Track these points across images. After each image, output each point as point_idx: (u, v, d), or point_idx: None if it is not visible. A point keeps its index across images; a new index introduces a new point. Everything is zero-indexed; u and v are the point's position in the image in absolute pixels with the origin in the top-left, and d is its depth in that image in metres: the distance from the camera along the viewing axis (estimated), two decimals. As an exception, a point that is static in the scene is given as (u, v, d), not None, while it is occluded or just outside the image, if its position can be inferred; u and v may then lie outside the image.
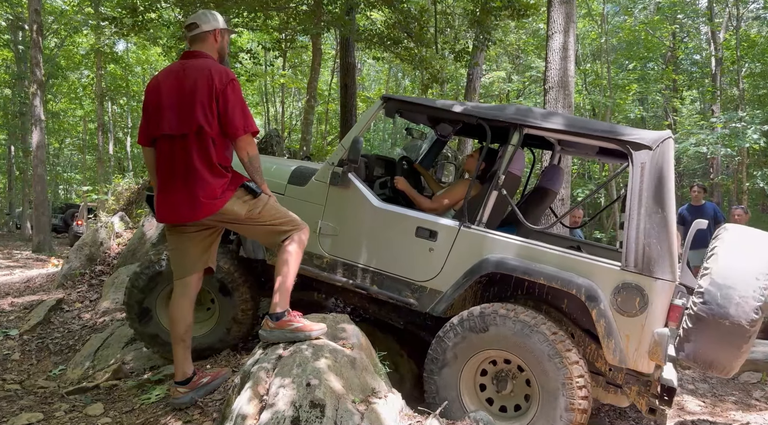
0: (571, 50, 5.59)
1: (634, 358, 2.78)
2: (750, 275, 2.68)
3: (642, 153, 2.89)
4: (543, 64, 17.37)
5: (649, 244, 2.78)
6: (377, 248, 3.23)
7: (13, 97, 22.13)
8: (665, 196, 2.84)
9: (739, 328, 2.64)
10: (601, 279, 2.84)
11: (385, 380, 2.72)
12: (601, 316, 2.78)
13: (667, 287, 2.76)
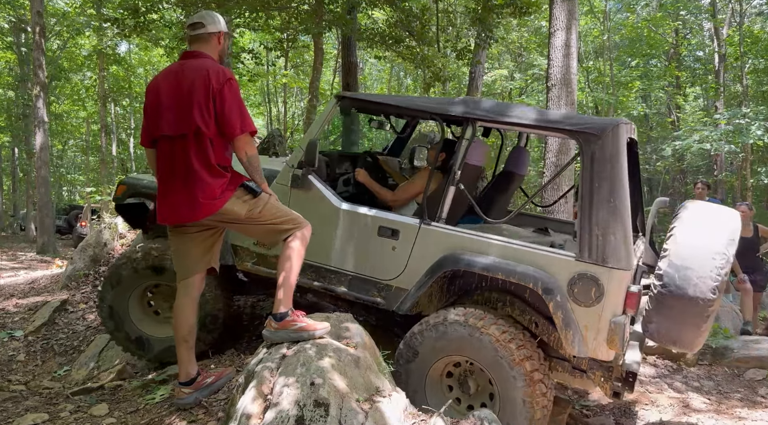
0: (573, 48, 5.57)
1: (593, 347, 2.81)
2: (707, 256, 2.73)
3: (591, 142, 2.87)
4: (545, 61, 17.38)
5: (603, 234, 2.77)
6: (342, 249, 3.23)
7: (17, 100, 22.21)
8: (617, 185, 2.81)
9: (699, 308, 2.71)
10: (557, 270, 2.85)
11: (389, 379, 2.72)
12: (558, 308, 2.80)
13: (623, 275, 2.76)
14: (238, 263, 3.60)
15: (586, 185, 2.85)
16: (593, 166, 2.84)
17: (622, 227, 2.77)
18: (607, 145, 2.83)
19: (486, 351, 2.86)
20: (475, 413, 2.74)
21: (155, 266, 3.63)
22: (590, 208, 2.81)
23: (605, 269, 2.76)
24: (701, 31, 20.26)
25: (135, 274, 3.66)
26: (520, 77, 21.24)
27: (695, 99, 22.77)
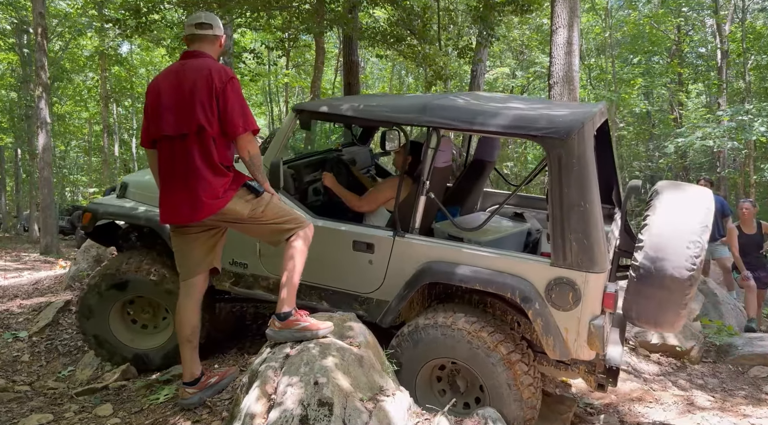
0: (575, 45, 5.55)
1: (574, 349, 2.81)
2: (681, 244, 2.74)
3: (557, 147, 2.77)
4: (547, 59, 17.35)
5: (576, 238, 2.74)
6: (319, 264, 3.18)
7: (19, 101, 22.22)
8: (586, 187, 2.75)
9: (676, 296, 2.77)
10: (534, 277, 2.84)
11: (392, 378, 2.72)
12: (537, 316, 2.79)
13: (598, 278, 2.76)
14: (216, 283, 3.61)
15: (555, 189, 2.78)
16: (561, 170, 2.76)
17: (595, 230, 2.74)
18: (574, 148, 2.74)
19: (461, 347, 2.88)
20: (479, 412, 2.74)
21: (116, 284, 3.63)
22: (561, 213, 2.76)
23: (581, 274, 2.74)
24: (703, 27, 20.20)
25: (101, 299, 3.65)
26: (521, 75, 21.21)
27: (698, 96, 22.71)
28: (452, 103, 3.14)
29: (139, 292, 3.63)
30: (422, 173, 3.09)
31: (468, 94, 3.85)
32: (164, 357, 3.68)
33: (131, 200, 3.81)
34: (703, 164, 21.19)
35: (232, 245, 3.40)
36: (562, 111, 3.06)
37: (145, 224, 3.63)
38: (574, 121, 2.81)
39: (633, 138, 22.06)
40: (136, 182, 3.89)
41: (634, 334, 5.58)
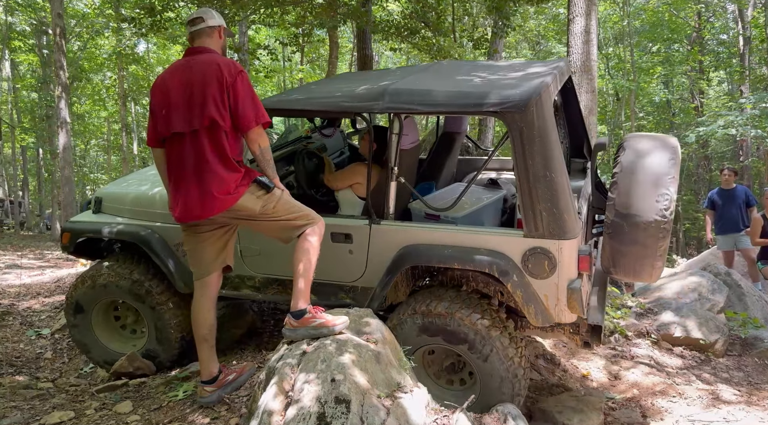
0: (593, 34, 5.45)
1: (556, 314, 2.89)
2: (650, 199, 2.82)
3: (516, 121, 2.77)
4: (564, 49, 17.07)
5: (545, 208, 2.78)
6: None
7: (40, 101, 22.56)
8: (551, 157, 2.76)
9: (650, 250, 2.87)
10: (510, 249, 2.90)
11: (410, 374, 2.70)
12: (516, 287, 2.86)
13: (571, 243, 2.81)
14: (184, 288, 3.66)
15: (519, 162, 2.80)
16: (523, 143, 2.77)
17: (563, 198, 2.77)
18: (533, 120, 2.74)
19: (444, 331, 2.96)
20: (499, 408, 2.71)
21: (96, 288, 3.68)
22: (528, 185, 2.79)
23: (554, 242, 2.80)
24: (725, 13, 19.75)
25: (84, 302, 3.72)
26: (538, 66, 20.94)
27: (719, 84, 22.26)
28: (410, 86, 3.10)
29: (117, 297, 3.69)
30: (389, 160, 3.10)
31: (432, 66, 3.81)
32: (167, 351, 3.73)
33: (107, 213, 3.86)
34: (726, 153, 20.79)
35: None
36: (519, 81, 3.04)
37: (124, 239, 3.67)
38: (530, 91, 2.79)
39: (653, 128, 21.70)
40: (110, 196, 3.92)
41: (656, 327, 5.49)
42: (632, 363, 4.88)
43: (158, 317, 3.62)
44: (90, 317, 3.78)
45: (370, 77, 3.78)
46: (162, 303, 3.61)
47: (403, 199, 3.42)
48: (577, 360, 5.04)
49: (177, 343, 3.69)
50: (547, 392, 3.98)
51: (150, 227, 3.63)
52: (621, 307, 5.89)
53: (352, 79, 3.79)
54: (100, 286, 3.66)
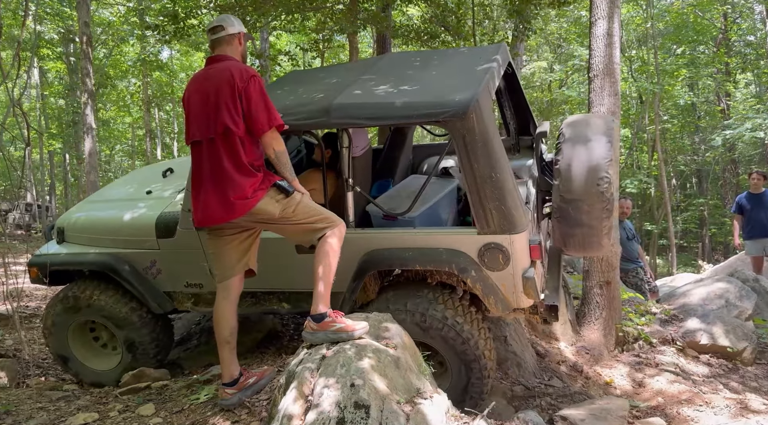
0: (616, 36, 5.37)
1: (514, 301, 3.09)
2: (591, 184, 3.01)
3: (458, 128, 2.87)
4: (586, 52, 16.78)
5: (494, 206, 2.92)
6: (271, 272, 3.24)
7: (67, 107, 23.07)
8: (494, 158, 2.89)
9: (596, 230, 3.09)
10: (466, 246, 3.05)
11: (430, 380, 2.68)
12: (475, 281, 3.02)
13: (521, 236, 2.97)
14: (179, 305, 3.78)
15: (465, 165, 2.92)
16: (467, 148, 2.89)
17: (509, 196, 2.92)
18: (474, 125, 2.85)
19: (412, 329, 3.05)
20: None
21: (68, 308, 3.75)
22: (476, 186, 2.92)
23: (505, 236, 2.96)
24: (752, 14, 19.37)
25: (59, 320, 3.78)
26: (559, 69, 20.79)
27: (746, 86, 21.82)
28: (353, 99, 3.15)
29: (89, 316, 3.76)
30: (343, 172, 3.20)
31: (376, 65, 3.82)
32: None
33: (71, 243, 3.93)
34: (753, 157, 20.36)
35: (183, 270, 3.63)
36: (459, 84, 3.10)
37: (92, 269, 3.74)
38: (468, 98, 2.87)
39: (677, 131, 21.34)
40: (70, 226, 3.98)
41: (682, 335, 5.39)
42: (657, 371, 4.80)
43: (130, 335, 3.71)
44: (66, 337, 3.85)
45: (314, 90, 3.77)
46: (132, 322, 3.69)
47: (361, 203, 3.51)
48: (600, 367, 4.97)
49: (153, 359, 3.79)
50: (569, 399, 3.93)
51: (116, 255, 3.71)
52: (645, 313, 5.79)
53: (296, 93, 3.77)
54: (69, 309, 3.74)
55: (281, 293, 3.55)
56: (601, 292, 5.33)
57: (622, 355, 5.22)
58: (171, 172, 4.38)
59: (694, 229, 21.63)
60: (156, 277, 3.71)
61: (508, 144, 4.35)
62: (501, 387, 4.00)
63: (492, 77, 3.22)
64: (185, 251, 3.55)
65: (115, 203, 4.08)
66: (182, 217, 3.50)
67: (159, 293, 3.73)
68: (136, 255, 3.69)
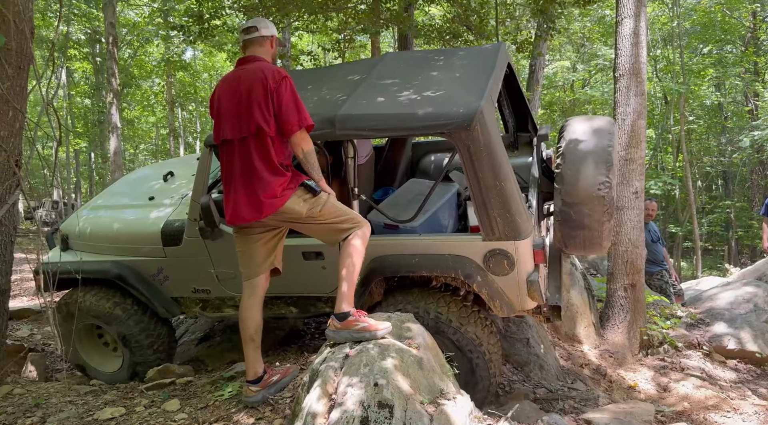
0: (642, 36, 5.29)
1: (519, 304, 3.14)
2: (591, 188, 3.04)
3: (462, 138, 2.87)
4: (609, 51, 16.66)
5: (498, 214, 2.95)
6: (279, 278, 3.19)
7: (93, 107, 23.51)
8: (498, 167, 2.91)
9: (596, 233, 3.13)
10: (471, 252, 3.09)
11: (453, 381, 2.67)
12: (481, 287, 3.07)
13: (525, 242, 3.00)
14: (186, 310, 3.85)
15: (470, 174, 2.94)
16: (472, 158, 2.90)
17: (514, 203, 2.94)
18: (478, 135, 2.85)
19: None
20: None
21: (71, 313, 3.80)
22: (481, 194, 2.95)
23: (510, 243, 3.00)
24: (782, 12, 18.91)
25: (64, 324, 3.84)
26: (582, 68, 20.56)
27: (776, 85, 21.30)
28: (359, 111, 3.14)
29: (83, 320, 3.83)
30: (348, 181, 3.23)
31: (381, 67, 3.77)
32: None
33: (75, 250, 3.99)
34: (783, 158, 19.88)
35: (191, 276, 3.67)
36: (461, 94, 3.09)
37: (98, 277, 3.78)
38: (473, 109, 2.88)
39: (703, 132, 20.96)
40: (74, 234, 4.03)
41: (708, 339, 5.29)
42: (682, 375, 4.72)
43: (120, 330, 3.77)
44: (75, 345, 3.92)
45: (326, 81, 3.78)
46: (117, 316, 3.75)
47: (363, 211, 3.52)
48: (624, 371, 4.91)
49: (150, 350, 3.83)
50: (593, 403, 3.88)
51: (122, 262, 3.76)
52: (670, 317, 5.70)
53: (307, 84, 3.78)
54: (66, 317, 3.82)
55: (289, 298, 3.59)
56: (625, 295, 5.26)
57: (646, 359, 5.14)
58: (171, 175, 4.41)
59: (719, 232, 21.21)
60: (163, 283, 3.76)
61: (507, 141, 4.35)
62: (523, 390, 3.98)
63: (495, 84, 3.22)
64: (192, 258, 3.59)
65: (118, 209, 4.12)
66: (188, 226, 3.53)
67: (167, 299, 3.80)
68: (143, 263, 3.74)
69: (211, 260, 3.56)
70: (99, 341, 4.09)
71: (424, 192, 3.52)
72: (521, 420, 2.95)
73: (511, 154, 4.25)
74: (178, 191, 4.11)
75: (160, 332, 3.89)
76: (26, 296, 6.57)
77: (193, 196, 3.47)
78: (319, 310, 3.56)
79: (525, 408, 3.58)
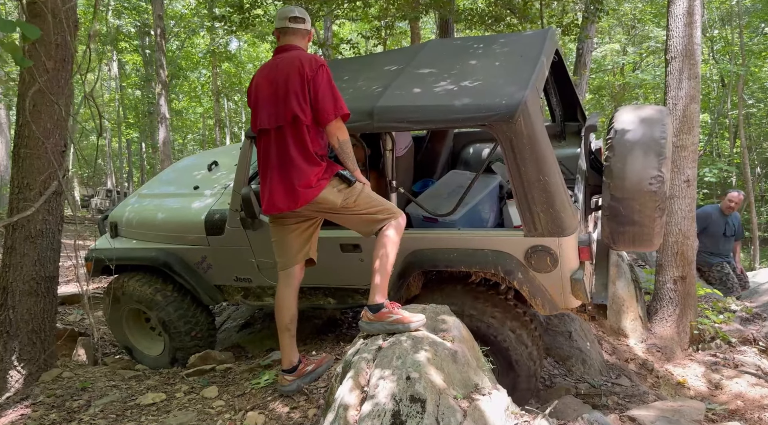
0: (697, 15, 5.00)
1: (562, 302, 3.03)
2: (643, 183, 2.88)
3: (505, 131, 2.76)
4: (662, 33, 15.91)
5: (542, 209, 2.84)
6: (317, 268, 3.18)
7: (142, 98, 24.23)
8: (543, 161, 2.79)
9: (647, 229, 2.98)
10: (512, 248, 2.99)
11: (489, 376, 2.60)
12: (522, 284, 2.98)
13: (570, 239, 2.89)
14: (229, 298, 3.91)
15: (512, 168, 2.83)
16: (514, 151, 2.79)
17: (558, 199, 2.82)
18: (522, 128, 2.73)
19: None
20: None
21: (117, 297, 3.95)
22: (524, 189, 2.84)
23: (554, 239, 2.88)
24: None
25: (112, 309, 4.00)
26: (633, 51, 19.79)
27: None
28: (397, 102, 3.05)
29: (129, 304, 3.96)
30: (386, 174, 3.17)
31: (417, 58, 3.64)
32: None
33: (124, 237, 4.09)
34: None
35: (233, 265, 3.72)
36: (504, 83, 2.98)
37: (145, 264, 3.89)
38: (516, 101, 2.76)
39: (764, 116, 19.86)
40: (124, 220, 4.13)
41: (765, 334, 5.03)
42: (736, 372, 4.50)
43: (160, 315, 3.85)
44: (123, 327, 4.09)
45: (364, 72, 3.70)
46: (158, 302, 3.83)
47: (402, 203, 3.47)
48: (672, 366, 4.72)
49: (187, 336, 3.91)
50: (639, 399, 3.75)
51: (168, 250, 3.85)
52: (723, 311, 5.44)
53: (344, 74, 3.72)
54: (114, 301, 3.96)
55: (327, 289, 3.59)
56: (674, 287, 5.05)
57: (696, 354, 4.93)
58: (216, 165, 4.48)
59: (780, 221, 20.16)
60: (207, 271, 3.84)
61: (554, 131, 4.20)
62: (565, 385, 3.87)
63: (541, 72, 3.08)
64: (234, 248, 3.63)
65: (164, 198, 4.21)
66: (230, 216, 3.57)
67: (210, 287, 3.87)
68: (188, 251, 3.82)
69: (252, 250, 3.60)
70: (146, 325, 4.21)
71: (464, 184, 3.46)
72: (561, 416, 2.87)
73: (557, 144, 4.13)
74: (221, 181, 4.18)
75: (199, 319, 3.96)
76: (79, 283, 6.82)
77: (234, 187, 3.51)
78: (357, 302, 3.55)
79: (567, 403, 3.48)
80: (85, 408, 3.08)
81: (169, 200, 4.19)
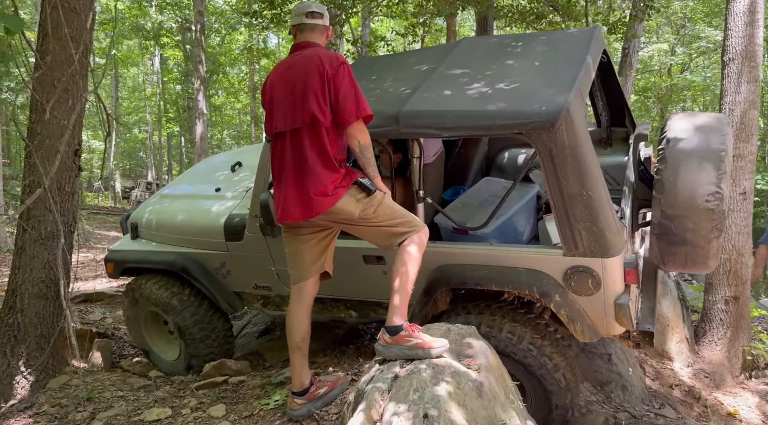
0: (759, 14, 4.59)
1: (603, 328, 2.76)
2: (699, 200, 2.60)
3: (545, 140, 2.47)
4: (713, 32, 15.21)
5: (584, 227, 2.57)
6: (338, 280, 2.97)
7: (183, 93, 24.58)
8: (586, 174, 2.50)
9: (701, 250, 2.69)
10: (549, 268, 2.73)
11: (518, 411, 2.34)
12: (559, 307, 2.71)
13: (615, 260, 2.61)
14: (249, 306, 3.76)
15: (553, 182, 2.56)
16: (554, 163, 2.51)
17: (602, 215, 2.55)
18: (563, 137, 2.44)
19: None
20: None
21: (134, 300, 3.86)
22: (564, 204, 2.57)
23: (596, 260, 2.61)
24: None
25: (130, 312, 3.93)
26: (682, 52, 18.99)
27: None
28: (425, 106, 2.76)
29: (146, 307, 3.84)
30: (413, 182, 2.96)
31: (449, 58, 3.34)
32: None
33: (144, 239, 3.99)
34: None
35: (252, 272, 3.57)
36: (544, 87, 2.66)
37: (163, 268, 3.77)
38: (557, 107, 2.45)
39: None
40: (144, 222, 4.02)
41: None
42: (794, 405, 4.11)
43: (176, 320, 3.72)
44: (141, 330, 3.99)
45: (392, 71, 3.44)
46: (174, 306, 3.70)
47: (430, 213, 3.25)
48: (722, 395, 4.36)
49: (203, 344, 3.76)
50: (684, 434, 3.41)
51: (187, 254, 3.73)
52: (780, 335, 5.01)
53: (372, 74, 3.48)
54: (132, 302, 3.87)
55: (348, 302, 3.40)
56: (726, 308, 4.66)
57: (749, 382, 4.55)
58: (239, 165, 4.33)
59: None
60: (226, 277, 3.70)
61: (599, 136, 3.89)
62: (602, 413, 3.56)
63: (586, 76, 2.75)
64: (253, 254, 3.48)
65: (187, 200, 4.09)
66: (249, 222, 3.41)
67: (229, 293, 3.73)
68: (207, 256, 3.69)
69: (271, 258, 3.43)
70: (165, 328, 4.09)
71: (498, 193, 3.20)
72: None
73: (603, 151, 3.82)
74: (243, 183, 4.02)
75: (216, 326, 3.81)
76: (105, 279, 6.83)
77: (254, 191, 3.34)
78: (380, 316, 3.34)
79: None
80: (89, 421, 2.95)
81: (189, 201, 4.07)
